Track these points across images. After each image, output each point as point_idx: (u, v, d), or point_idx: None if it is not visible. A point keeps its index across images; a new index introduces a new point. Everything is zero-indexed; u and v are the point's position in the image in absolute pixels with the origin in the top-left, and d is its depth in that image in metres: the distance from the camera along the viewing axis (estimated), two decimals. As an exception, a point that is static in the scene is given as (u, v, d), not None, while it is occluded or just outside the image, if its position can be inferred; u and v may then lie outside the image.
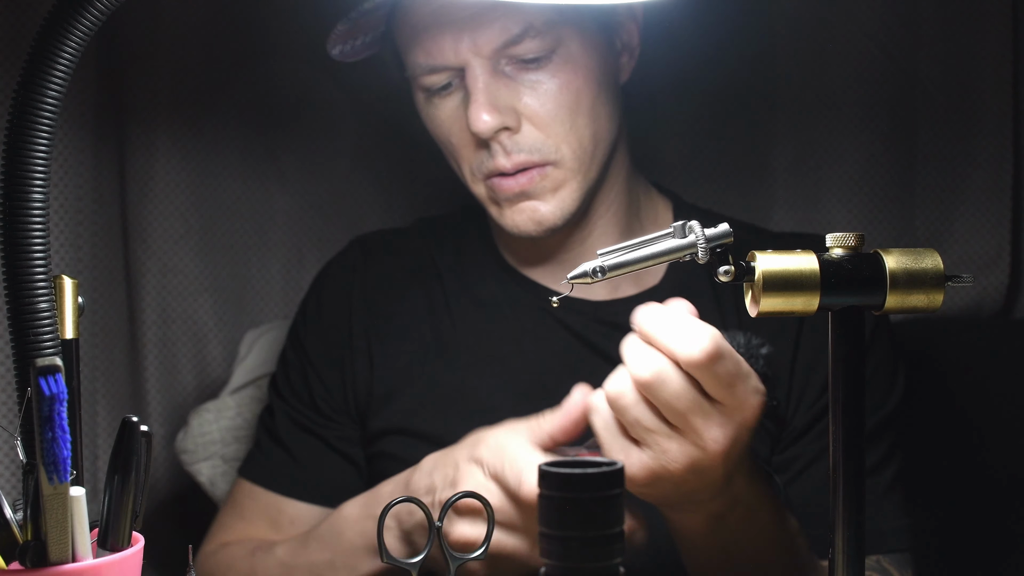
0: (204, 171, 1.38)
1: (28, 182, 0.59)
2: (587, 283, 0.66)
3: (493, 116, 1.02)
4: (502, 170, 1.05)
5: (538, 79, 1.04)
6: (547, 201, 1.06)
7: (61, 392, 0.53)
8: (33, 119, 0.59)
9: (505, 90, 1.04)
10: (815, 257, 0.65)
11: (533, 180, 1.05)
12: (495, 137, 1.04)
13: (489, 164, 1.05)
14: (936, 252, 0.66)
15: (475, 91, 1.03)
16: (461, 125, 1.06)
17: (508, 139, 1.04)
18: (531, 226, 1.07)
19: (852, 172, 1.45)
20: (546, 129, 1.05)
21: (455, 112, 1.07)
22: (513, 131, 1.04)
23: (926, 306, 0.65)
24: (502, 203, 1.07)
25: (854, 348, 0.66)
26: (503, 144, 1.04)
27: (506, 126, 1.03)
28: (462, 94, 1.06)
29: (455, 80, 1.06)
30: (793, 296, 0.64)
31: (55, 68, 0.59)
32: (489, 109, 1.02)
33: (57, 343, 0.60)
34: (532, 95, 1.04)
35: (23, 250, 0.59)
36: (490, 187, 1.07)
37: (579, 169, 1.07)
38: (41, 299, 0.60)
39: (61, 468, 0.54)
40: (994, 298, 1.43)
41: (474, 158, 1.07)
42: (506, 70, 1.04)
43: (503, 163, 1.04)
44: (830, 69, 1.44)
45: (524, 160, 1.04)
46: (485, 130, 1.03)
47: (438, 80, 1.06)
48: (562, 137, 1.05)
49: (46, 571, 0.56)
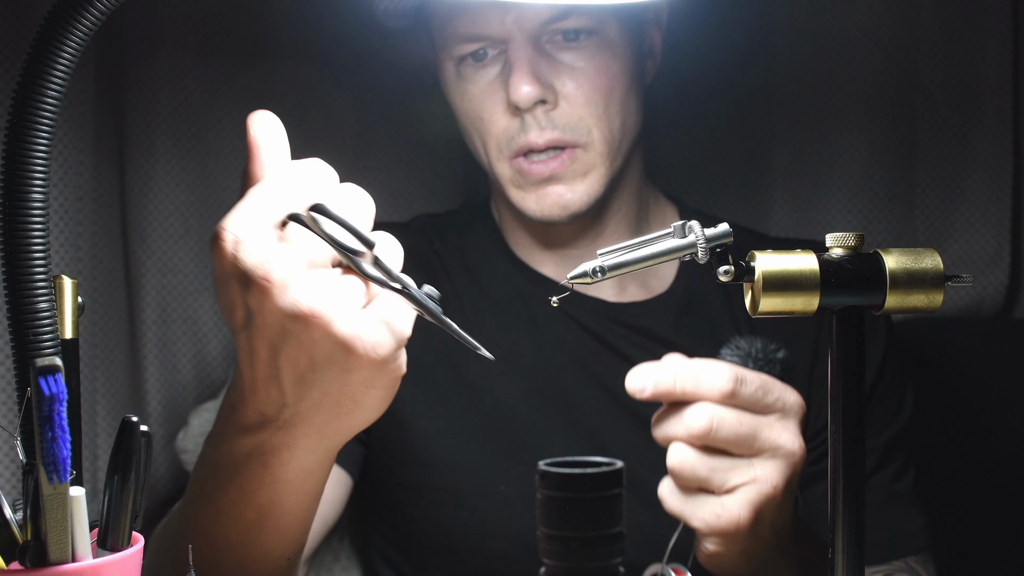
0: (204, 171, 1.38)
1: (28, 182, 0.59)
2: (587, 283, 0.66)
3: (534, 87, 1.03)
4: (533, 146, 1.05)
5: (578, 59, 1.06)
6: (574, 186, 1.07)
7: (61, 392, 0.53)
8: (33, 119, 0.59)
9: (545, 65, 1.05)
10: (815, 257, 0.65)
11: (564, 163, 1.06)
12: (531, 110, 1.05)
13: (520, 139, 1.06)
14: (936, 252, 0.66)
15: (517, 61, 1.04)
16: (495, 99, 1.07)
17: (543, 114, 1.05)
18: (556, 211, 1.07)
19: (852, 172, 1.45)
20: (581, 109, 1.06)
21: (489, 85, 1.08)
22: (549, 107, 1.05)
23: (926, 306, 0.65)
24: (527, 186, 1.08)
25: (854, 348, 0.66)
26: (538, 119, 1.05)
27: (544, 99, 1.05)
28: (498, 67, 1.07)
29: (491, 51, 1.07)
30: (793, 296, 0.64)
31: (55, 68, 0.59)
32: (531, 80, 1.03)
33: (57, 343, 0.60)
34: (571, 74, 1.06)
35: (23, 250, 0.59)
36: (516, 168, 1.08)
37: (607, 155, 1.07)
38: (41, 299, 0.60)
39: (61, 468, 0.54)
40: (994, 298, 1.43)
41: (504, 134, 1.07)
42: (547, 47, 1.06)
43: (535, 138, 1.05)
44: (830, 69, 1.44)
45: (556, 138, 1.05)
46: (525, 100, 1.03)
47: (473, 48, 1.07)
48: (595, 120, 1.06)
49: (46, 571, 0.56)
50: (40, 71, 0.59)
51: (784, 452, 0.78)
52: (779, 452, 0.78)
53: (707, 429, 0.77)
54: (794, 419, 0.80)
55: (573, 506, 0.51)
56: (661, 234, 0.67)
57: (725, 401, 0.77)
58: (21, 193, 0.59)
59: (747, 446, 0.78)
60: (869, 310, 0.66)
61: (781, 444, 0.78)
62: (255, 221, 0.63)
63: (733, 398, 0.77)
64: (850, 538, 0.65)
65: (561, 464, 0.53)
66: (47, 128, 0.59)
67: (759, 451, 0.78)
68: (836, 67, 1.44)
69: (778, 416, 0.79)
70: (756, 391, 0.78)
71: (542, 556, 0.53)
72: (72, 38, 0.60)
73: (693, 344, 1.11)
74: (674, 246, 0.67)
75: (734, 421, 0.77)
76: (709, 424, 0.77)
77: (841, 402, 0.66)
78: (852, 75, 1.43)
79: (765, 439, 0.78)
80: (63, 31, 0.59)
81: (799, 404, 0.80)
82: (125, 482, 0.60)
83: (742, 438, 0.77)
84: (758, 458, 0.78)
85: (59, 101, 0.60)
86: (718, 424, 0.77)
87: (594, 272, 0.66)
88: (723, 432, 0.77)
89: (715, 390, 0.77)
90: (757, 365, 1.05)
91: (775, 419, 0.79)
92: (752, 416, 0.78)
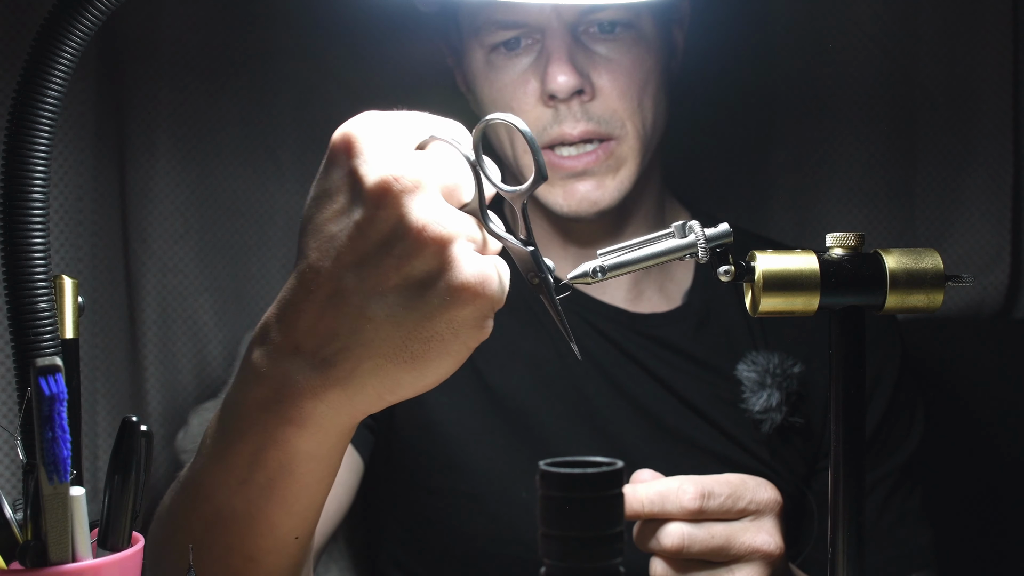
0: (204, 171, 1.38)
1: (28, 182, 0.59)
2: (588, 283, 0.66)
3: (572, 76, 1.03)
4: (566, 138, 1.05)
5: (613, 51, 1.05)
6: (603, 182, 1.06)
7: (61, 392, 0.53)
8: (33, 119, 0.59)
9: (582, 56, 1.05)
10: (815, 257, 0.65)
11: (599, 159, 1.05)
12: (567, 101, 1.04)
13: (553, 130, 1.05)
14: (936, 252, 0.65)
15: (555, 50, 1.03)
16: (527, 88, 1.06)
17: (579, 106, 1.04)
18: (586, 206, 1.06)
19: (852, 172, 1.45)
20: (616, 102, 1.05)
21: (522, 75, 1.07)
22: (586, 98, 1.05)
23: (926, 306, 0.65)
24: (554, 180, 1.06)
25: (855, 348, 0.66)
26: (572, 110, 1.04)
27: (581, 89, 1.04)
28: (532, 56, 1.06)
29: (524, 41, 1.06)
30: (793, 296, 0.64)
31: (55, 68, 0.59)
32: (569, 69, 1.03)
33: (57, 343, 0.60)
34: (607, 66, 1.05)
35: (23, 250, 0.59)
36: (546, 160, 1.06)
37: (639, 150, 1.07)
38: (41, 299, 0.60)
39: (61, 468, 0.54)
40: (994, 298, 1.43)
41: (536, 124, 1.06)
42: (583, 38, 1.05)
43: (569, 129, 1.04)
44: (830, 69, 1.44)
45: (591, 130, 1.04)
46: (563, 89, 1.03)
47: (508, 36, 1.06)
48: (629, 114, 1.06)
49: (46, 571, 0.56)
50: (40, 71, 0.59)
51: (761, 554, 0.78)
52: (756, 555, 0.78)
53: (678, 548, 0.77)
54: (770, 517, 0.80)
55: (573, 506, 0.51)
56: (661, 234, 0.67)
57: (694, 518, 0.77)
58: (21, 193, 0.59)
59: (722, 555, 0.78)
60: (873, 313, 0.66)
61: (757, 547, 0.78)
62: (399, 126, 0.59)
63: (701, 514, 0.77)
64: (850, 539, 0.65)
65: (561, 464, 0.53)
66: (47, 128, 0.59)
67: (735, 558, 0.78)
68: (836, 67, 1.43)
69: (752, 518, 0.79)
70: (725, 501, 0.78)
71: (542, 556, 0.53)
72: (72, 38, 0.60)
73: (710, 355, 1.11)
74: (674, 246, 0.67)
75: (705, 535, 0.78)
76: (680, 543, 0.77)
77: (842, 403, 0.66)
78: (852, 75, 1.43)
79: (740, 545, 0.78)
80: (63, 31, 0.59)
81: (774, 500, 0.80)
82: (125, 482, 0.60)
83: (716, 549, 0.78)
84: (736, 564, 0.79)
85: (59, 101, 0.60)
86: (689, 542, 0.77)
87: (594, 272, 0.66)
88: (695, 548, 0.77)
89: (682, 511, 0.77)
90: (775, 380, 1.06)
91: (749, 522, 0.79)
92: (725, 525, 0.78)
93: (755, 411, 1.06)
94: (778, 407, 1.05)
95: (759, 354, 1.08)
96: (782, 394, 1.06)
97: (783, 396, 1.06)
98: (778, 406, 1.05)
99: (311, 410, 0.61)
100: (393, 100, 1.41)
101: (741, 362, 1.07)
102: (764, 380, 1.06)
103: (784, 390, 1.06)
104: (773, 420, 1.06)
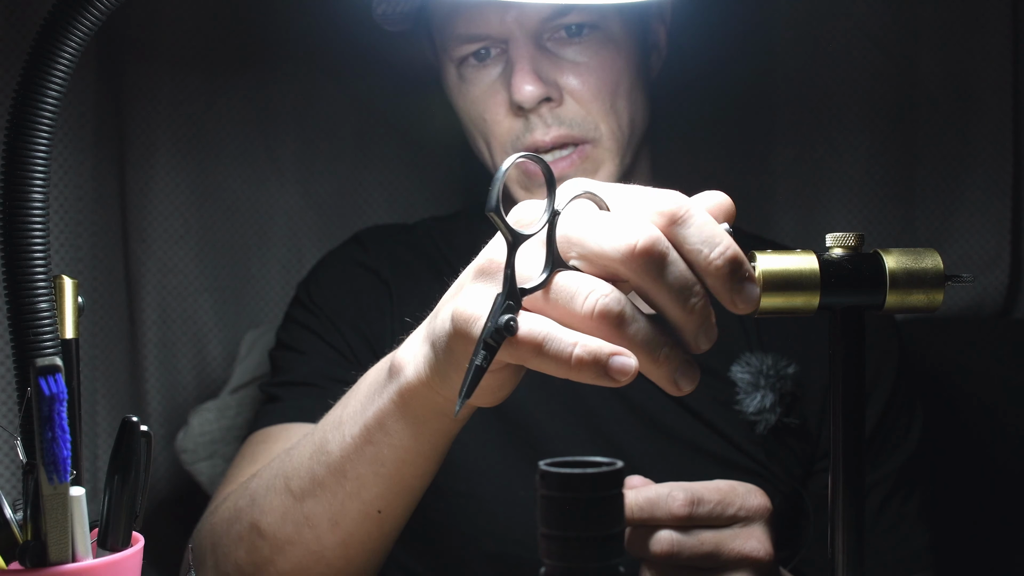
0: (204, 171, 1.38)
1: (28, 182, 0.59)
2: None
3: (536, 85, 1.02)
4: (539, 145, 1.04)
5: (581, 54, 1.05)
6: None
7: (61, 392, 0.53)
8: (33, 119, 0.59)
9: (548, 63, 1.04)
10: (815, 257, 0.65)
11: (573, 163, 1.05)
12: (535, 109, 1.04)
13: (525, 139, 1.05)
14: (936, 252, 0.65)
15: (519, 60, 1.03)
16: (497, 99, 1.06)
17: (548, 112, 1.04)
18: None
19: (852, 172, 1.45)
20: (587, 105, 1.05)
21: (491, 86, 1.07)
22: (555, 104, 1.04)
23: (926, 306, 0.65)
24: (533, 187, 1.06)
25: (854, 348, 0.66)
26: (543, 116, 1.04)
27: (548, 97, 1.03)
28: (500, 67, 1.06)
29: (493, 51, 1.06)
30: (793, 295, 0.64)
31: (55, 68, 0.59)
32: (532, 78, 1.02)
33: (57, 343, 0.60)
34: (574, 70, 1.05)
35: (23, 250, 0.59)
36: (522, 169, 1.06)
37: (616, 151, 1.06)
38: (41, 299, 0.60)
39: (61, 468, 0.54)
40: (994, 298, 1.43)
41: (507, 134, 1.06)
42: (548, 45, 1.05)
43: (541, 137, 1.04)
44: (830, 69, 1.44)
45: (564, 134, 1.04)
46: (527, 99, 1.02)
47: (474, 48, 1.06)
48: (602, 115, 1.05)
49: (46, 571, 0.56)
50: (40, 71, 0.59)
51: (750, 561, 0.78)
52: (745, 562, 0.78)
53: (668, 554, 0.77)
54: (759, 524, 0.79)
55: (573, 506, 0.51)
56: (661, 234, 0.67)
57: (683, 525, 0.77)
58: (21, 193, 0.59)
59: (712, 562, 0.78)
60: (873, 313, 0.66)
61: (747, 553, 0.78)
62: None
63: (691, 520, 0.77)
64: (850, 541, 0.65)
65: (561, 464, 0.53)
66: (47, 128, 0.59)
67: (725, 565, 0.78)
68: (836, 67, 1.43)
69: (742, 525, 0.79)
70: (715, 508, 0.78)
71: (542, 556, 0.53)
72: (72, 38, 0.60)
73: (705, 357, 1.10)
74: (674, 246, 0.66)
75: (694, 542, 0.77)
76: (670, 550, 0.77)
77: (841, 403, 0.66)
78: (852, 75, 1.43)
79: (729, 552, 0.78)
80: (63, 31, 0.59)
81: (764, 507, 0.80)
82: (125, 482, 0.60)
83: (705, 556, 0.77)
84: (725, 571, 0.79)
85: (59, 101, 0.60)
86: (678, 549, 0.77)
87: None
88: (684, 555, 0.77)
89: (671, 517, 0.77)
90: (768, 382, 1.06)
91: (739, 529, 0.79)
92: (714, 532, 0.78)
93: (749, 412, 1.06)
94: (772, 408, 1.05)
95: (753, 355, 1.07)
96: (776, 395, 1.06)
97: (777, 397, 1.06)
98: (772, 407, 1.05)
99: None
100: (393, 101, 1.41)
101: (735, 363, 1.07)
102: (758, 381, 1.06)
103: (778, 391, 1.06)
104: (768, 421, 1.06)
